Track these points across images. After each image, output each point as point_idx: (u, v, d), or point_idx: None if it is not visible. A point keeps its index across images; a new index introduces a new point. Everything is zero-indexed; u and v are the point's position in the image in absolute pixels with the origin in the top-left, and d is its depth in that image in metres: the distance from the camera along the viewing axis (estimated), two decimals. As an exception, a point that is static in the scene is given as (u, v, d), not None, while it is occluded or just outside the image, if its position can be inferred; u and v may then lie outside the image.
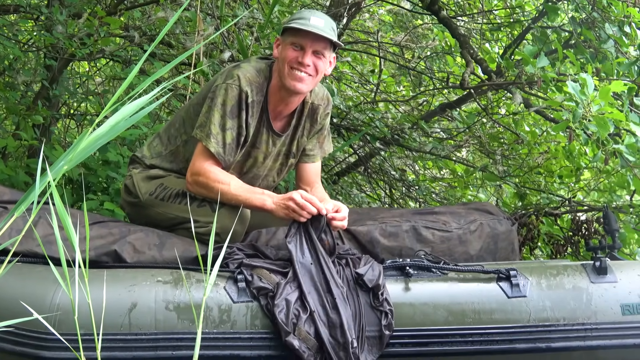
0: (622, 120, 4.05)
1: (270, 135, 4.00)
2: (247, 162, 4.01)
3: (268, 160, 4.06)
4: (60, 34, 5.18)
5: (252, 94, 3.87)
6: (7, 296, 3.43)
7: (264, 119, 3.95)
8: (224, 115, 3.83)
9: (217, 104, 3.84)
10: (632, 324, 3.62)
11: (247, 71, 3.91)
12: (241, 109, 3.85)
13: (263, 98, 3.94)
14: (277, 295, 3.48)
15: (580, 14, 4.88)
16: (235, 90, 3.83)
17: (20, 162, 5.33)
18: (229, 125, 3.84)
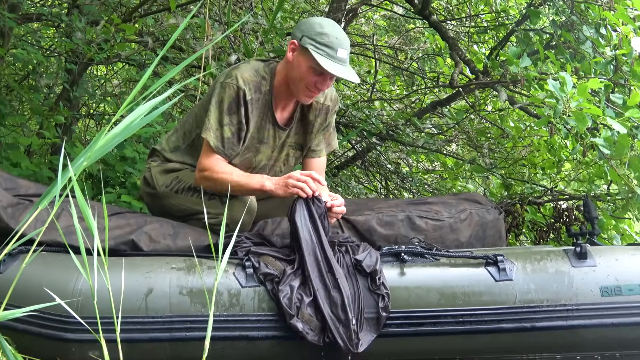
0: (599, 115, 4.05)
1: (276, 130, 4.02)
2: (257, 157, 4.03)
3: (275, 152, 4.08)
4: (80, 40, 5.17)
5: (250, 92, 3.87)
6: (32, 283, 3.43)
7: (268, 114, 3.96)
8: (222, 112, 3.85)
9: (215, 102, 3.87)
10: (610, 304, 3.62)
11: (244, 71, 3.91)
12: (239, 106, 3.86)
13: (263, 96, 3.93)
14: (282, 281, 3.49)
15: (560, 18, 4.87)
16: (233, 89, 3.83)
17: (44, 158, 5.33)
18: (226, 121, 3.85)
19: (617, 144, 4.15)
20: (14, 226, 3.54)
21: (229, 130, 3.87)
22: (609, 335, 3.63)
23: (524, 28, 5.41)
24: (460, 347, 3.63)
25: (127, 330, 3.38)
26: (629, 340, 3.65)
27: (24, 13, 5.83)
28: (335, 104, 4.16)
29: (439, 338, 3.59)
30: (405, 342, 3.58)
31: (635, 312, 3.62)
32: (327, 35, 3.74)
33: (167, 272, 3.56)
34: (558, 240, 5.72)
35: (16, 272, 3.40)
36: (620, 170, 4.47)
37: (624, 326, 3.62)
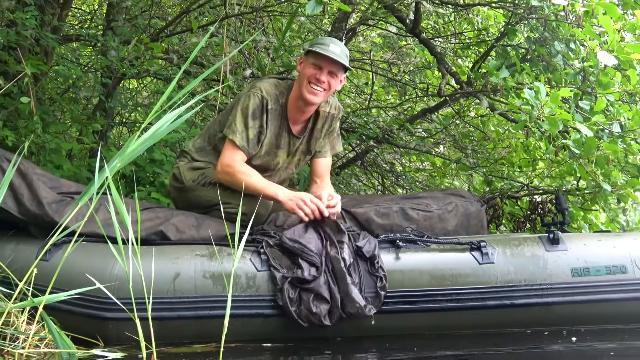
0: (569, 120, 4.04)
1: (291, 138, 4.09)
2: (274, 160, 4.08)
3: (289, 156, 4.13)
4: (114, 57, 5.18)
5: (271, 103, 3.97)
6: (74, 269, 3.44)
7: (284, 124, 4.04)
8: (247, 117, 3.93)
9: (241, 108, 3.94)
10: (580, 284, 3.64)
11: (267, 84, 4.02)
12: (262, 113, 3.95)
13: (280, 107, 4.01)
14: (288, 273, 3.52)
15: (535, 34, 4.86)
16: (258, 98, 3.94)
17: (83, 161, 5.33)
18: (250, 125, 3.93)
19: (585, 145, 4.15)
20: (58, 220, 3.54)
21: (253, 132, 3.95)
22: (579, 311, 3.64)
23: (503, 44, 5.40)
24: (449, 323, 3.64)
25: (158, 310, 3.38)
26: (596, 315, 3.66)
27: (64, 34, 5.84)
28: (339, 112, 4.22)
29: (430, 315, 3.60)
30: (400, 318, 3.60)
31: (602, 290, 3.64)
32: (322, 39, 4.01)
33: (192, 258, 3.58)
34: (533, 230, 5.72)
35: (60, 260, 3.41)
36: (588, 168, 4.47)
37: (592, 303, 3.63)
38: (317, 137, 4.17)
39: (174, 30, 5.97)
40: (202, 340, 3.46)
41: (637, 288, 3.65)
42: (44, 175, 3.87)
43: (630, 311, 3.66)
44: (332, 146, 4.27)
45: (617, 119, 4.20)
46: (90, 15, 7.50)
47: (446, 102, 6.08)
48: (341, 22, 5.92)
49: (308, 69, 3.92)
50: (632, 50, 4.04)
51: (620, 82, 4.23)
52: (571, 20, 4.33)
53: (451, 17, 6.63)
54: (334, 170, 6.54)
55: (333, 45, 3.90)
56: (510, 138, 6.67)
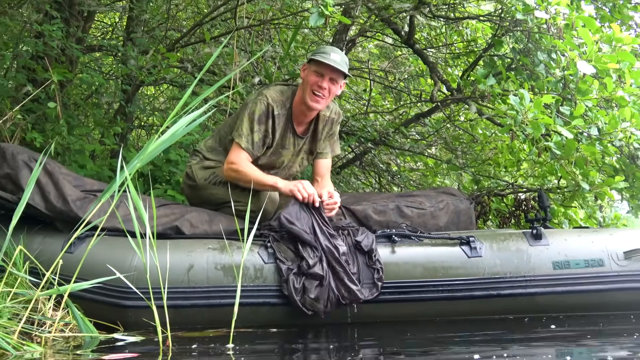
0: (550, 124, 4.04)
1: (295, 138, 4.10)
2: (280, 159, 4.09)
3: (293, 155, 4.14)
4: (133, 66, 5.18)
5: (277, 109, 3.99)
6: (97, 261, 3.44)
7: (289, 126, 4.06)
8: (253, 121, 3.95)
9: (249, 114, 3.96)
10: (561, 275, 3.63)
11: (273, 92, 4.04)
12: (268, 118, 3.97)
13: (286, 111, 4.02)
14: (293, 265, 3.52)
15: (519, 45, 4.86)
16: (264, 104, 3.96)
17: (105, 161, 5.33)
18: (256, 129, 3.95)
19: (566, 147, 4.14)
20: (82, 215, 3.55)
21: (257, 136, 3.96)
22: (560, 301, 3.64)
23: (490, 54, 5.39)
24: (440, 311, 3.64)
25: (173, 298, 3.39)
26: (576, 305, 3.66)
27: (88, 45, 5.84)
28: (339, 117, 4.23)
29: (423, 303, 3.60)
30: (396, 307, 3.60)
31: (581, 282, 3.63)
32: (323, 48, 4.01)
33: (205, 251, 3.59)
34: (518, 225, 5.71)
35: (83, 252, 3.42)
36: (568, 168, 4.47)
37: (571, 293, 3.63)
38: (319, 139, 4.18)
39: (188, 41, 5.97)
40: (214, 326, 3.46)
41: (613, 280, 3.64)
42: (69, 174, 3.87)
43: (606, 301, 3.66)
44: (332, 148, 4.27)
45: (595, 123, 4.20)
46: (112, 28, 7.50)
47: (438, 108, 6.09)
48: (342, 33, 5.93)
49: (311, 77, 3.93)
50: (608, 60, 4.03)
51: (598, 90, 4.22)
52: (553, 32, 4.32)
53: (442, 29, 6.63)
54: (335, 169, 6.54)
55: (334, 54, 3.92)
56: (496, 140, 6.67)
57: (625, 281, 3.64)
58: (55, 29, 4.73)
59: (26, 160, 3.72)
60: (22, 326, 3.17)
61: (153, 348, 3.13)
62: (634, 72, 4.14)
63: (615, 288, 3.64)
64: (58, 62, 5.12)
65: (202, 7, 6.86)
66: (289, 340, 3.41)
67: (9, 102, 4.84)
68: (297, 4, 5.72)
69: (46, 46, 4.82)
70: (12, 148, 3.79)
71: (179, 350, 3.10)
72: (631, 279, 3.65)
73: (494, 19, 5.42)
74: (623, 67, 4.12)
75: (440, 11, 5.84)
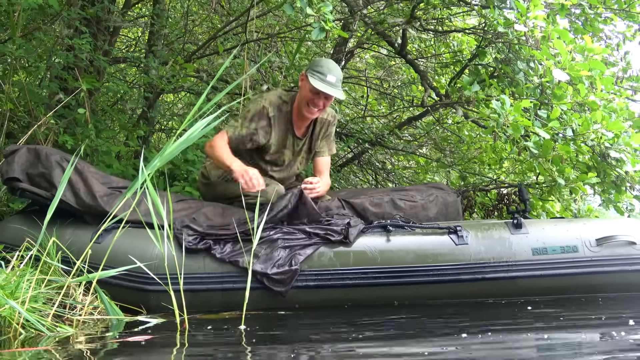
0: (529, 126, 4.03)
1: (294, 139, 4.08)
2: (281, 158, 4.08)
3: (294, 155, 4.12)
4: (154, 75, 5.18)
5: (273, 111, 3.97)
6: (122, 250, 3.45)
7: (289, 128, 4.03)
8: (245, 118, 3.97)
9: (245, 111, 4.00)
10: (539, 261, 3.62)
11: (272, 95, 4.05)
12: (260, 119, 3.97)
13: (284, 114, 4.02)
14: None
15: (501, 55, 4.85)
16: (260, 106, 3.98)
17: (129, 161, 5.33)
18: (245, 125, 3.96)
19: (543, 147, 4.13)
20: (109, 209, 3.55)
21: (245, 130, 3.97)
22: (538, 284, 3.63)
23: (474, 63, 5.38)
24: (431, 294, 3.62)
25: (189, 284, 3.39)
26: (553, 287, 3.65)
27: (113, 57, 5.84)
28: (334, 119, 4.24)
29: (415, 287, 3.59)
30: (390, 290, 3.59)
31: (557, 266, 3.62)
32: (321, 67, 3.89)
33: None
34: (500, 217, 5.71)
35: (110, 242, 3.42)
36: (546, 166, 4.47)
37: (549, 277, 3.62)
38: (316, 139, 4.18)
39: (203, 53, 5.96)
40: (227, 309, 3.45)
41: (586, 264, 3.63)
42: (97, 172, 3.87)
43: (580, 284, 3.65)
44: (329, 147, 4.26)
45: (569, 125, 4.18)
46: (135, 41, 7.50)
47: (428, 112, 6.07)
48: (341, 45, 5.92)
49: (307, 93, 3.91)
50: (581, 68, 4.02)
51: (572, 95, 4.21)
52: (531, 44, 4.31)
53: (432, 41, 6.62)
54: (335, 168, 6.54)
55: (330, 75, 3.86)
56: (481, 141, 6.66)
57: (597, 266, 3.64)
58: (84, 42, 4.73)
59: (58, 160, 3.72)
60: (55, 310, 3.18)
61: (172, 329, 3.12)
62: (604, 79, 4.13)
63: (588, 272, 3.63)
64: (87, 73, 5.12)
65: (216, 23, 6.85)
66: (296, 321, 3.40)
67: (43, 108, 4.83)
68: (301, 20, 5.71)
69: (76, 58, 4.82)
70: (45, 150, 3.79)
71: (195, 331, 3.10)
72: (602, 264, 3.64)
73: (478, 32, 5.41)
74: (594, 75, 4.11)
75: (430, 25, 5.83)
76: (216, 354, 2.77)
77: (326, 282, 3.53)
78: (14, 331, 2.96)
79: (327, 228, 3.64)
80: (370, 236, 3.67)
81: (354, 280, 3.54)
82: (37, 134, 4.52)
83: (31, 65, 5.13)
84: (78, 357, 2.68)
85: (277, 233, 3.60)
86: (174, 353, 2.74)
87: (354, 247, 3.60)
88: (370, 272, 3.56)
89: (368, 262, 3.57)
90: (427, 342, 2.89)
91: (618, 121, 4.08)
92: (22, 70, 5.22)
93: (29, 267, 3.29)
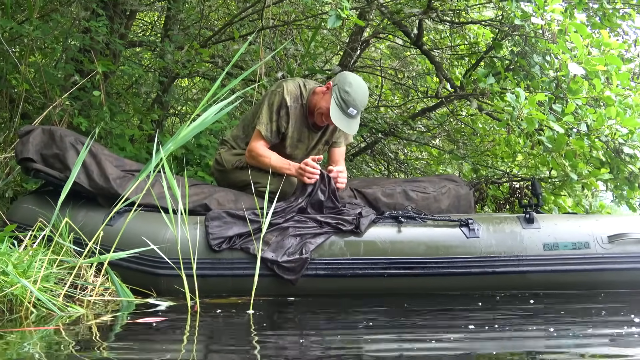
0: (543, 120, 4.01)
1: (310, 132, 4.06)
2: (296, 151, 4.06)
3: (309, 147, 4.11)
4: (169, 60, 5.18)
5: (290, 101, 3.95)
6: (134, 233, 3.46)
7: (305, 121, 4.03)
8: (272, 112, 3.95)
9: (268, 104, 3.97)
10: (550, 256, 3.61)
11: (291, 84, 4.01)
12: (281, 108, 3.95)
13: (300, 105, 4.00)
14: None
15: (517, 48, 4.83)
16: (280, 96, 3.94)
17: (143, 145, 5.34)
18: (274, 119, 3.95)
19: (557, 141, 4.11)
20: (121, 192, 3.56)
21: (275, 125, 3.95)
22: (549, 279, 3.62)
23: (490, 55, 5.36)
24: (441, 286, 3.62)
25: (201, 268, 3.40)
26: (563, 283, 3.64)
27: (129, 40, 5.84)
28: None
29: (425, 278, 3.59)
30: (401, 281, 3.59)
31: (568, 262, 3.61)
32: (349, 94, 3.80)
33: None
34: (512, 211, 5.69)
35: (122, 225, 3.43)
36: (559, 160, 4.44)
37: (559, 272, 3.61)
38: (333, 131, 4.15)
39: (219, 39, 5.96)
40: (237, 294, 3.46)
41: (597, 261, 3.61)
42: (111, 155, 3.88)
43: (591, 280, 3.63)
44: (345, 137, 4.24)
45: (584, 120, 4.17)
46: (151, 25, 7.51)
47: (442, 103, 6.05)
48: (357, 35, 5.91)
49: (324, 108, 3.88)
50: (597, 62, 4.00)
51: (587, 90, 4.19)
52: (547, 37, 4.28)
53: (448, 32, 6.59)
54: (349, 157, 6.54)
55: (352, 108, 3.80)
56: (494, 134, 6.64)
57: (608, 262, 3.62)
58: (100, 25, 4.74)
59: (73, 142, 3.73)
60: (67, 290, 3.20)
61: (182, 312, 3.14)
62: (620, 74, 4.11)
63: (600, 269, 3.61)
64: (103, 55, 5.13)
65: (232, 9, 6.84)
66: (304, 308, 3.41)
67: (59, 90, 4.85)
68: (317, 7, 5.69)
69: (92, 41, 4.83)
70: (60, 131, 3.80)
71: (205, 315, 3.11)
72: (614, 261, 3.62)
73: (495, 24, 5.38)
74: (610, 70, 4.09)
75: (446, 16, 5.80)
76: (225, 338, 2.78)
77: (336, 271, 3.53)
78: (25, 310, 2.98)
79: (338, 217, 3.64)
80: (382, 226, 3.67)
81: (364, 270, 3.54)
82: (52, 115, 4.54)
83: (47, 47, 5.15)
84: (88, 337, 2.70)
85: (288, 221, 3.60)
86: (184, 335, 2.76)
87: (365, 237, 3.59)
88: (380, 263, 3.55)
89: (379, 253, 3.56)
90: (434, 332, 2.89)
91: (633, 117, 4.06)
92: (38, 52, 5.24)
93: (42, 247, 3.31)
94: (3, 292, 2.97)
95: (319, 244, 3.53)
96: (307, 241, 3.52)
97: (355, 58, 6.14)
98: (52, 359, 2.37)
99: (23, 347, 2.49)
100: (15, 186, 4.53)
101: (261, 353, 2.48)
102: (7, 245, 3.34)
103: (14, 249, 3.33)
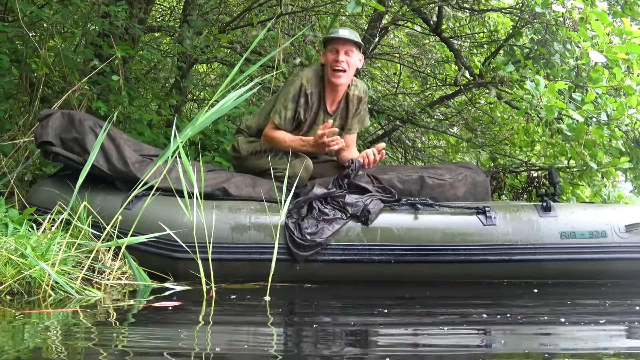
0: (563, 108, 3.99)
1: (325, 116, 4.07)
2: (310, 133, 4.05)
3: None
4: (188, 45, 5.19)
5: (310, 87, 3.99)
6: (151, 217, 3.48)
7: (322, 105, 4.03)
8: (287, 100, 3.99)
9: (284, 92, 4.02)
10: (567, 244, 3.59)
11: (308, 71, 4.07)
12: (299, 97, 3.99)
13: (318, 91, 4.03)
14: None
15: (537, 36, 4.80)
16: (298, 84, 3.98)
17: (161, 130, 5.36)
18: (289, 107, 3.99)
19: (576, 130, 4.09)
20: (140, 176, 3.58)
21: (290, 113, 3.99)
22: (565, 268, 3.60)
23: (510, 43, 5.33)
24: (457, 273, 3.62)
25: (217, 252, 3.41)
26: (579, 272, 3.63)
27: (148, 25, 5.85)
28: (365, 95, 4.23)
29: (441, 265, 3.59)
30: (417, 268, 3.59)
31: (585, 251, 3.59)
32: (332, 30, 4.11)
33: (248, 212, 3.60)
34: (529, 200, 5.68)
35: (140, 209, 3.46)
36: (578, 149, 4.42)
37: (576, 261, 3.59)
38: (349, 117, 4.17)
39: (237, 25, 5.96)
40: (253, 279, 3.48)
41: (614, 250, 3.60)
42: (129, 140, 3.90)
43: (607, 269, 3.62)
44: (361, 122, 4.25)
45: (604, 109, 4.14)
46: (170, 10, 7.51)
47: (461, 91, 6.04)
48: (376, 21, 5.89)
49: (328, 56, 3.97)
50: (618, 51, 3.97)
51: (608, 79, 4.16)
52: (568, 25, 4.26)
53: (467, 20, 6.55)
54: (365, 144, 6.52)
55: (342, 30, 3.99)
56: (513, 122, 6.61)
57: (625, 252, 3.60)
58: (120, 10, 4.75)
59: (92, 126, 3.76)
60: (84, 273, 3.22)
61: (199, 297, 3.15)
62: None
63: (616, 258, 3.60)
64: (122, 40, 5.15)
65: (251, -5, 6.84)
66: (321, 295, 3.41)
67: (78, 74, 4.88)
68: (336, -7, 5.68)
69: (112, 25, 4.85)
70: (79, 115, 3.82)
71: (221, 300, 3.12)
72: (631, 250, 3.61)
73: (515, 11, 5.35)
74: (632, 58, 4.06)
75: (466, 3, 5.77)
76: (241, 323, 2.80)
77: (352, 257, 3.54)
78: (43, 292, 3.01)
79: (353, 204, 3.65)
80: (398, 213, 3.67)
81: (380, 257, 3.54)
82: (71, 100, 4.56)
83: (67, 31, 5.17)
84: (105, 320, 2.72)
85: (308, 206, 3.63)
86: (200, 319, 2.77)
87: (382, 224, 3.60)
88: (396, 249, 3.56)
89: (395, 239, 3.56)
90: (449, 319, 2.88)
91: (654, 107, 4.03)
92: (58, 36, 5.26)
93: (60, 230, 3.33)
94: (22, 275, 3.00)
95: (336, 230, 3.54)
96: (324, 226, 3.53)
97: (374, 45, 6.12)
98: (69, 341, 2.39)
99: (41, 329, 2.52)
100: (34, 169, 4.57)
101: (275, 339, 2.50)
102: (26, 228, 3.37)
103: (32, 232, 3.36)
